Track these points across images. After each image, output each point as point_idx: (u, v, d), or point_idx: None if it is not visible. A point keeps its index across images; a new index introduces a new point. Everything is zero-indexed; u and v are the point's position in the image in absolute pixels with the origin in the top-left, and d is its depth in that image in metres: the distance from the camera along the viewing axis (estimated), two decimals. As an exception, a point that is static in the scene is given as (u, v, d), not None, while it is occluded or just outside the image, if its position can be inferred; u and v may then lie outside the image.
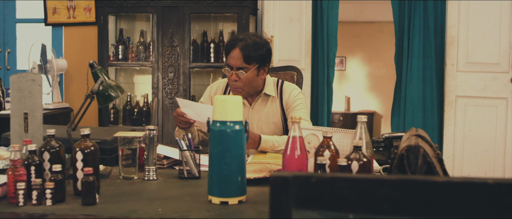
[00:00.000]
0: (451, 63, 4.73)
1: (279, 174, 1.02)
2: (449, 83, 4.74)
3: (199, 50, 4.56)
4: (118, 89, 2.07)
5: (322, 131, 1.84)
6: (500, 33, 4.55)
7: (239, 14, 4.34)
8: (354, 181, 1.01)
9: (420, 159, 1.55)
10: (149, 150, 2.01)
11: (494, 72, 4.61)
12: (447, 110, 4.75)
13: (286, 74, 3.01)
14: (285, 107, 2.69)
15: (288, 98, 2.69)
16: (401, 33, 5.00)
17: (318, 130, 1.96)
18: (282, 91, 2.71)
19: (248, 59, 2.60)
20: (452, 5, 4.67)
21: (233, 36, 2.77)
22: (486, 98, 4.65)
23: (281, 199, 1.01)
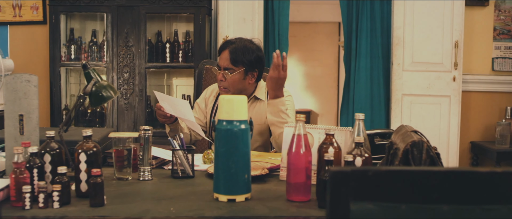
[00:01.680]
0: (397, 63, 4.92)
1: (339, 168, 1.07)
2: (396, 82, 4.93)
3: (154, 50, 4.53)
4: (111, 89, 2.05)
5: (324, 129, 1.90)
6: (443, 34, 4.78)
7: (195, 14, 4.34)
8: (407, 173, 1.08)
9: (424, 153, 1.64)
10: (144, 150, 2.01)
11: (438, 71, 4.83)
12: (394, 108, 4.95)
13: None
14: None
15: None
16: (350, 33, 5.16)
17: (314, 128, 2.03)
18: None
19: (235, 61, 2.68)
20: (398, 7, 4.86)
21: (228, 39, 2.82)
22: (430, 96, 4.87)
23: (341, 192, 1.07)
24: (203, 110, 2.90)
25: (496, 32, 4.96)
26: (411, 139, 1.66)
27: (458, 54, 4.76)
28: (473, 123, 5.03)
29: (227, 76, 2.70)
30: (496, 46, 4.97)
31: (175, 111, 2.56)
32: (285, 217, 1.61)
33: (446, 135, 4.82)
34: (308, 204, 1.73)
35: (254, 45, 2.76)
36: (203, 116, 2.90)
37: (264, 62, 2.80)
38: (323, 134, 1.99)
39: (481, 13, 4.94)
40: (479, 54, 4.99)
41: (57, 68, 4.41)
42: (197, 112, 2.90)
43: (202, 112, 2.90)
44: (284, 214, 1.63)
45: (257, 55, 2.74)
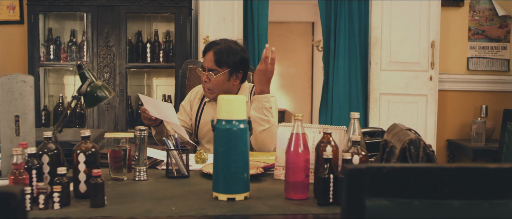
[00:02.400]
0: (375, 62, 4.99)
1: (354, 166, 1.09)
2: (373, 82, 5.00)
3: (134, 50, 4.51)
4: (106, 89, 2.05)
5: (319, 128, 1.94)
6: (420, 34, 4.86)
7: (176, 14, 4.34)
8: (419, 170, 1.11)
9: (421, 151, 1.68)
10: (140, 150, 2.01)
11: (415, 71, 4.92)
12: (372, 107, 5.01)
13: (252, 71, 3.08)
14: None
15: None
16: (328, 33, 5.21)
17: (308, 127, 2.05)
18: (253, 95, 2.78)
19: (220, 63, 2.69)
20: (375, 7, 4.93)
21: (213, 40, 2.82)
22: (407, 96, 4.96)
23: (356, 188, 1.09)
24: (188, 112, 2.90)
25: (471, 32, 5.07)
26: (408, 137, 1.70)
27: (434, 54, 4.85)
28: (449, 121, 5.13)
29: (212, 78, 2.70)
30: (471, 46, 5.08)
31: (160, 114, 2.56)
32: (287, 215, 1.63)
33: (423, 133, 4.90)
34: (307, 202, 1.76)
35: (239, 46, 2.78)
36: (188, 118, 2.90)
37: (248, 63, 2.81)
38: (317, 133, 2.02)
39: (457, 14, 5.04)
40: (455, 54, 5.09)
41: (36, 69, 4.36)
42: (182, 114, 2.90)
43: (187, 114, 2.90)
44: (285, 212, 1.65)
45: (242, 56, 2.75)
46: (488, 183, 1.12)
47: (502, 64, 5.10)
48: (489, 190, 1.12)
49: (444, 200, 1.11)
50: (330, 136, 1.82)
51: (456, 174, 1.11)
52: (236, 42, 2.80)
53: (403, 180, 1.10)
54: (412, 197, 1.11)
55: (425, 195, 1.11)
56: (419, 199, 1.11)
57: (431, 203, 1.11)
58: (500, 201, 1.13)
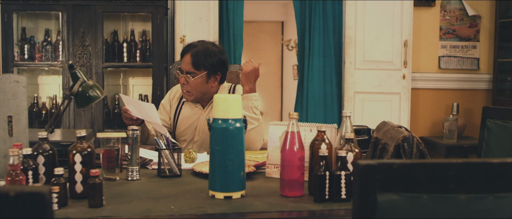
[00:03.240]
0: (349, 61, 5.06)
1: (366, 162, 1.13)
2: (348, 81, 5.07)
3: (110, 49, 4.48)
4: (98, 89, 2.04)
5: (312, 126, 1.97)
6: (393, 34, 4.95)
7: (153, 13, 4.32)
8: (428, 165, 1.15)
9: (415, 147, 1.73)
10: (132, 150, 2.01)
11: (388, 69, 5.00)
12: (346, 105, 5.08)
13: (232, 73, 3.09)
14: None
15: None
16: (303, 33, 5.26)
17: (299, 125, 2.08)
18: (234, 94, 2.80)
19: (197, 65, 2.69)
20: (349, 7, 5.00)
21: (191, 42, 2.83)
22: (381, 94, 5.04)
23: (368, 184, 1.12)
24: (168, 111, 2.91)
25: (442, 31, 5.19)
26: (402, 134, 1.74)
27: (407, 53, 4.95)
28: (421, 119, 5.23)
29: (190, 80, 2.71)
30: (442, 45, 5.19)
31: (141, 114, 2.55)
32: (285, 212, 1.66)
33: (397, 131, 4.98)
34: (303, 199, 1.79)
35: (216, 48, 2.78)
36: (168, 117, 2.90)
37: (227, 65, 2.82)
38: (308, 131, 2.05)
39: (428, 14, 5.14)
40: (427, 53, 5.19)
41: (10, 69, 4.29)
42: (162, 113, 2.90)
43: (167, 113, 2.90)
44: (283, 209, 1.67)
45: (220, 58, 2.75)
46: (492, 177, 1.17)
47: (472, 63, 5.23)
48: (493, 184, 1.17)
49: (451, 194, 1.15)
50: (324, 133, 1.85)
51: (462, 169, 1.15)
52: (214, 43, 2.81)
53: (412, 176, 1.14)
54: (421, 191, 1.14)
55: (433, 190, 1.15)
56: (428, 194, 1.15)
57: (438, 197, 1.15)
58: (504, 194, 1.17)
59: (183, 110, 2.85)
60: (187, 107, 2.84)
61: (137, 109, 2.55)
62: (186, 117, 2.82)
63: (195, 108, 2.82)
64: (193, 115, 2.81)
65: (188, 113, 2.83)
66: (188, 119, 2.82)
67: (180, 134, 2.83)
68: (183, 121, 2.83)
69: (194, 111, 2.82)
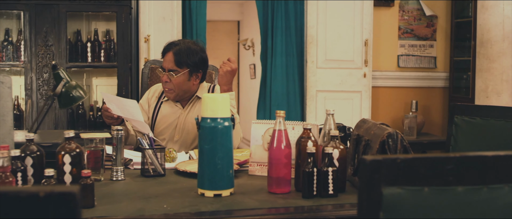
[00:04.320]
0: (311, 60, 5.14)
1: (372, 158, 1.17)
2: (310, 79, 5.15)
3: (74, 49, 4.41)
4: (81, 90, 2.02)
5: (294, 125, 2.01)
6: (354, 33, 5.06)
7: (118, 13, 4.29)
8: (429, 160, 1.21)
9: (399, 143, 1.79)
10: (117, 150, 2.01)
11: (350, 68, 5.11)
12: (309, 104, 5.16)
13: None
14: None
15: None
16: (265, 32, 5.31)
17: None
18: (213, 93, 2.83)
19: (180, 63, 2.70)
20: (311, 7, 5.07)
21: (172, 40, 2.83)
22: (343, 92, 5.14)
23: (374, 178, 1.17)
24: (146, 110, 2.90)
25: (401, 31, 5.33)
26: (386, 131, 1.80)
27: (368, 52, 5.06)
28: (382, 116, 5.36)
29: (172, 78, 2.72)
30: (401, 44, 5.33)
31: (123, 112, 2.54)
32: (279, 208, 1.69)
33: (359, 128, 5.10)
34: (291, 195, 1.83)
35: (198, 47, 2.81)
36: (146, 116, 2.90)
37: (208, 63, 2.85)
38: (291, 129, 2.09)
39: (388, 13, 5.28)
40: (386, 51, 5.33)
41: (-31, 69, 4.18)
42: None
43: (146, 113, 2.90)
44: (274, 206, 1.71)
45: (201, 56, 2.78)
46: (486, 170, 1.23)
47: (429, 62, 5.39)
48: (487, 176, 1.23)
49: (450, 186, 1.21)
50: (310, 131, 1.90)
51: (459, 163, 1.21)
52: (195, 42, 2.83)
53: (414, 169, 1.19)
54: (422, 184, 1.20)
55: (433, 183, 1.20)
56: (429, 186, 1.20)
57: (438, 190, 1.21)
58: (497, 185, 1.24)
59: (162, 109, 2.85)
60: (166, 106, 2.85)
61: (119, 107, 2.52)
62: (166, 116, 2.83)
63: (175, 107, 2.83)
64: (173, 114, 2.82)
65: (167, 111, 2.83)
66: (167, 117, 2.82)
67: (159, 133, 2.83)
68: (162, 119, 2.83)
69: (174, 109, 2.83)
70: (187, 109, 2.82)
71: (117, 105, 2.53)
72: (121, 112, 2.53)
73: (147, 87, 3.13)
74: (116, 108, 2.53)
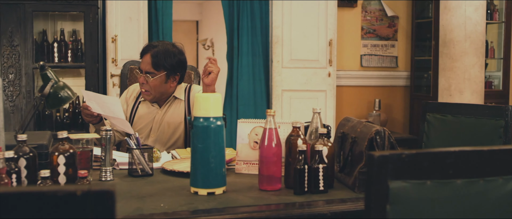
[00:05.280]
0: (277, 60, 5.21)
1: (380, 153, 1.23)
2: (276, 79, 5.22)
3: (40, 50, 4.34)
4: (69, 90, 2.01)
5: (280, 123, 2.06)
6: (319, 33, 5.15)
7: (85, 12, 4.24)
8: (431, 154, 1.28)
9: (386, 140, 1.86)
10: (106, 151, 2.01)
11: (315, 68, 5.20)
12: (275, 103, 5.23)
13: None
14: (191, 106, 2.82)
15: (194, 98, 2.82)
16: (231, 32, 5.34)
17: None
18: (189, 94, 2.84)
19: (157, 65, 2.71)
20: (276, 7, 5.14)
21: (150, 42, 2.83)
22: (308, 91, 5.23)
23: (381, 173, 1.23)
24: (125, 110, 2.90)
25: (364, 31, 5.45)
26: (374, 128, 1.87)
27: (332, 52, 5.16)
28: (346, 114, 5.42)
29: (149, 80, 2.72)
30: (363, 44, 5.46)
31: (104, 110, 2.53)
32: (273, 204, 1.73)
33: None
34: (283, 192, 1.87)
35: (176, 49, 2.81)
36: (125, 116, 2.90)
37: (186, 66, 2.86)
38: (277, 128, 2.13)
39: (351, 14, 5.39)
40: (350, 51, 5.44)
41: None
42: None
43: (124, 112, 2.90)
44: (269, 202, 1.75)
45: (179, 59, 2.79)
46: (482, 163, 1.31)
47: (391, 61, 5.53)
48: (483, 169, 1.31)
49: (450, 179, 1.28)
50: (299, 130, 1.95)
51: (458, 157, 1.28)
52: (174, 44, 2.84)
53: (418, 164, 1.25)
54: (425, 178, 1.26)
55: (435, 176, 1.27)
56: (431, 180, 1.26)
57: (439, 183, 1.27)
58: (492, 178, 1.31)
59: (140, 109, 2.85)
60: (143, 106, 2.85)
61: (99, 105, 2.51)
62: (142, 116, 2.83)
63: (151, 107, 2.83)
64: (149, 114, 2.83)
65: (144, 111, 2.84)
66: (144, 117, 2.83)
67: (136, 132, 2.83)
68: (139, 120, 2.84)
69: (151, 109, 2.83)
70: (164, 109, 2.83)
71: (97, 103, 2.52)
72: (102, 110, 2.52)
73: (125, 87, 3.12)
74: (96, 106, 2.52)
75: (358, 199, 1.80)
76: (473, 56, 4.04)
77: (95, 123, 2.67)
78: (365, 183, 1.31)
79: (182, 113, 2.82)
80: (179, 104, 2.84)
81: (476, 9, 4.02)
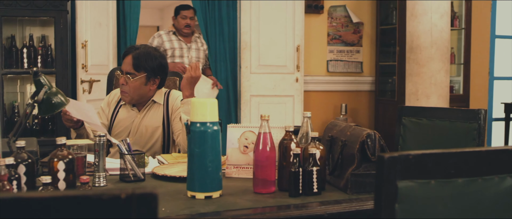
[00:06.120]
0: (245, 66, 5.26)
1: (389, 154, 1.29)
2: (244, 84, 5.27)
3: (8, 55, 4.27)
4: (62, 96, 2.01)
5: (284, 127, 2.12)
6: (286, 39, 5.23)
7: (56, 18, 4.20)
8: (435, 155, 1.35)
9: (377, 143, 1.94)
10: (100, 156, 2.02)
11: (282, 73, 5.28)
12: (243, 108, 5.28)
13: (169, 80, 3.14)
14: (171, 111, 2.85)
15: (174, 103, 2.85)
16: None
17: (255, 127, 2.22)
18: (168, 99, 2.87)
19: (137, 67, 2.74)
20: (244, 13, 5.21)
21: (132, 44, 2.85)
22: (276, 96, 5.30)
23: (390, 173, 1.30)
24: (107, 114, 2.92)
25: (330, 37, 5.57)
26: (365, 132, 1.94)
27: (299, 57, 5.25)
28: (314, 119, 5.52)
29: (129, 81, 2.75)
30: (330, 50, 5.57)
31: (81, 115, 2.55)
32: (274, 206, 1.78)
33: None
34: (278, 195, 1.92)
35: (158, 53, 2.86)
36: (106, 119, 2.92)
37: (167, 70, 2.89)
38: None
39: (317, 20, 5.50)
40: (316, 57, 5.55)
41: None
42: (101, 116, 2.91)
43: (106, 116, 2.92)
44: (267, 205, 1.80)
45: (160, 62, 2.83)
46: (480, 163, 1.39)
47: (356, 66, 5.66)
48: (481, 168, 1.39)
49: (451, 178, 1.35)
50: (292, 134, 2.00)
51: (459, 157, 1.36)
52: (156, 48, 2.89)
53: (423, 164, 1.32)
54: (429, 178, 1.33)
55: (438, 176, 1.34)
56: (435, 179, 1.34)
57: (442, 182, 1.35)
58: (489, 177, 1.40)
59: (120, 113, 2.88)
60: (123, 110, 2.88)
61: (77, 111, 2.53)
62: (122, 120, 2.86)
63: (131, 111, 2.86)
64: (129, 118, 2.85)
65: (124, 115, 2.86)
66: (123, 121, 2.85)
67: (116, 136, 2.85)
68: (119, 123, 2.86)
69: (130, 113, 2.85)
70: (143, 113, 2.85)
71: (75, 108, 2.53)
72: (80, 115, 2.53)
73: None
74: (75, 111, 2.53)
75: (352, 200, 1.86)
76: (439, 61, 4.19)
77: (76, 128, 2.68)
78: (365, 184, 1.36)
79: (161, 117, 2.85)
80: (158, 109, 2.86)
81: (441, 16, 4.17)
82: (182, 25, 4.99)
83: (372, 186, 1.93)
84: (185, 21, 4.98)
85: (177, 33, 5.03)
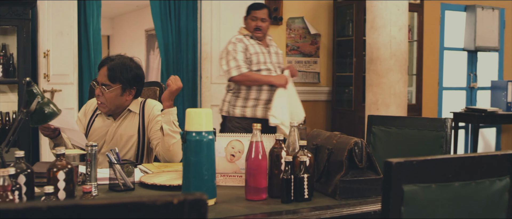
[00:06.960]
0: (206, 76, 5.31)
1: (396, 161, 1.39)
2: (205, 94, 5.32)
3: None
4: (54, 106, 2.02)
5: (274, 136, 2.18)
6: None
7: (19, 27, 4.13)
8: (436, 161, 1.46)
9: (364, 150, 2.03)
10: (91, 166, 2.03)
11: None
12: (204, 118, 5.31)
13: (149, 89, 3.15)
14: (147, 120, 2.87)
15: (150, 112, 2.87)
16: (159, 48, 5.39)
17: (242, 136, 2.28)
18: (144, 108, 2.89)
19: (113, 78, 2.75)
20: (205, 24, 5.26)
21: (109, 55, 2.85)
22: (237, 106, 5.35)
23: (397, 178, 1.39)
24: (84, 123, 2.92)
25: (288, 48, 5.68)
26: (353, 140, 2.04)
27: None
28: (273, 128, 5.65)
29: (105, 92, 2.76)
30: (288, 61, 5.68)
31: (60, 123, 2.53)
32: (267, 213, 1.84)
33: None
34: (271, 201, 1.98)
35: (134, 63, 2.87)
36: (83, 128, 2.91)
37: (143, 80, 2.91)
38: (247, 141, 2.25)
39: (276, 31, 5.60)
40: (276, 67, 5.63)
41: None
42: (78, 125, 2.89)
43: (82, 125, 2.92)
44: (263, 211, 1.86)
45: (136, 73, 2.84)
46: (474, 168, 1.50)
47: (314, 77, 5.80)
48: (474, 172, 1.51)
49: (449, 182, 1.46)
50: (283, 142, 2.07)
51: (456, 163, 1.47)
52: (132, 59, 2.88)
53: (425, 169, 1.43)
54: (430, 182, 1.44)
55: (437, 180, 1.45)
56: (435, 183, 1.44)
57: (441, 185, 1.45)
58: (481, 180, 1.52)
59: (96, 122, 2.88)
60: (99, 119, 2.89)
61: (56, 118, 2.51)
62: (97, 128, 2.86)
63: (107, 120, 2.87)
64: (104, 126, 2.86)
65: (99, 124, 2.87)
66: (99, 130, 2.86)
67: None
68: (94, 132, 2.86)
69: (106, 122, 2.87)
70: (118, 122, 2.87)
71: None
72: (58, 123, 2.52)
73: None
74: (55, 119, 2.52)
75: (342, 206, 1.95)
76: (398, 72, 4.36)
77: (53, 137, 2.67)
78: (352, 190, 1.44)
79: (136, 125, 2.86)
80: (134, 117, 2.88)
81: (400, 29, 4.35)
82: (251, 27, 4.35)
83: (359, 192, 2.03)
84: (255, 23, 4.33)
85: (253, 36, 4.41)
